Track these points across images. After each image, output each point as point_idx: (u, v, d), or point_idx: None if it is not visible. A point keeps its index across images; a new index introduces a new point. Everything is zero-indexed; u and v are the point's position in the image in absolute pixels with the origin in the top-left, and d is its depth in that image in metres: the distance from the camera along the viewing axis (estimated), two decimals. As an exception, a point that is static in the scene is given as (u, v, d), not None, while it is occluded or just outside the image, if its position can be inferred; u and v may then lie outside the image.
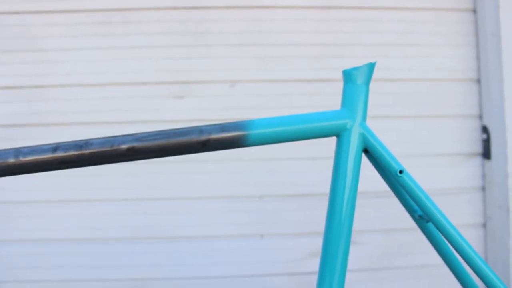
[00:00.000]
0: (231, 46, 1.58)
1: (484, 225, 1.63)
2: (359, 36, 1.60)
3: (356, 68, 0.61)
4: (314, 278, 1.61)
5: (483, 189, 1.64)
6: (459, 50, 1.64)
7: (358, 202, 1.63)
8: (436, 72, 1.62)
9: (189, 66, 1.57)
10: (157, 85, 1.55)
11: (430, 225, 0.64)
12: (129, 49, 1.54)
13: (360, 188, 1.63)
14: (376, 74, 1.63)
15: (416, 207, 0.64)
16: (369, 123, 0.69)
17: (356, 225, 1.59)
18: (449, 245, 0.65)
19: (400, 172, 0.59)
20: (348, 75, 0.61)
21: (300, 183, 1.57)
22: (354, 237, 1.60)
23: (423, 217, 0.63)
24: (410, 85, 1.61)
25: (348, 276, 1.65)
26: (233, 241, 1.56)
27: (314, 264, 1.59)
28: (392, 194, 1.69)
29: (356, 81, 0.60)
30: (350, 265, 1.62)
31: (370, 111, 0.68)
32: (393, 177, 0.59)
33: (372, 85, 1.69)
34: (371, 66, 0.61)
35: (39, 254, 1.54)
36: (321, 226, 1.59)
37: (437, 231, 0.64)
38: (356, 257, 1.61)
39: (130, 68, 1.53)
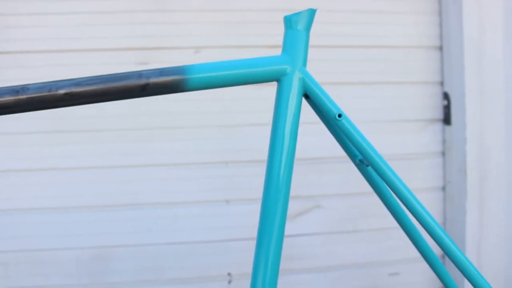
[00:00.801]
0: (195, 11, 1.56)
1: (444, 188, 1.69)
2: (324, 2, 1.60)
3: (296, 14, 0.61)
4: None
5: (443, 154, 1.68)
6: (422, 17, 1.66)
7: (322, 167, 1.67)
8: (399, 39, 1.64)
9: (152, 31, 1.54)
10: (119, 51, 1.52)
11: (370, 169, 0.66)
12: (89, 14, 1.50)
13: (324, 153, 1.67)
14: (338, 40, 1.65)
15: (356, 152, 0.66)
16: (329, 89, 0.69)
17: (319, 190, 1.63)
18: (388, 188, 0.67)
19: (339, 116, 0.60)
20: (288, 21, 0.61)
21: (266, 148, 1.58)
22: (317, 201, 1.64)
23: (363, 162, 0.65)
24: (373, 51, 1.62)
25: (311, 239, 1.70)
26: (199, 207, 1.58)
27: (279, 229, 1.62)
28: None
29: (296, 27, 0.61)
30: (313, 229, 1.67)
31: (332, 78, 0.68)
32: (332, 121, 0.60)
33: (334, 51, 1.70)
34: (311, 12, 0.61)
35: (2, 224, 1.52)
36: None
37: (376, 174, 0.65)
38: (319, 220, 1.65)
39: (90, 34, 1.50)
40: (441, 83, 1.68)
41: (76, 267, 1.54)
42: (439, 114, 1.68)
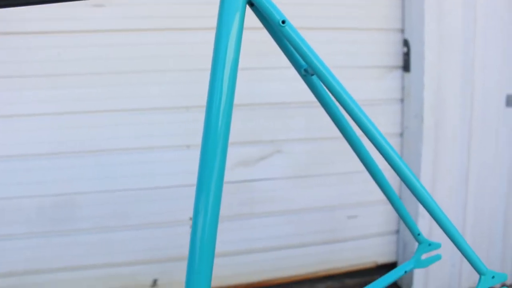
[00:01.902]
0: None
1: (401, 134, 1.73)
2: None
3: None
4: (240, 186, 1.66)
5: (402, 100, 1.72)
6: (384, -36, 1.66)
7: (284, 113, 1.67)
8: (361, -16, 1.64)
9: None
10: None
11: (315, 78, 0.67)
12: None
13: (285, 98, 1.67)
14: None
15: (301, 61, 0.66)
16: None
17: (281, 135, 1.65)
18: (332, 98, 0.68)
19: (283, 22, 0.59)
20: None
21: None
22: (279, 146, 1.65)
23: (308, 71, 0.65)
24: (335, -4, 1.62)
25: (272, 183, 1.72)
26: (160, 152, 1.57)
27: (241, 173, 1.64)
28: (318, 104, 1.75)
29: None
30: (274, 173, 1.68)
31: (292, 23, 0.66)
32: (277, 28, 0.60)
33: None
34: None
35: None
36: (249, 136, 1.63)
37: (321, 84, 0.66)
38: (281, 165, 1.67)
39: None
40: (402, 30, 1.69)
41: (38, 215, 1.52)
42: (399, 61, 1.70)
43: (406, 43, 1.68)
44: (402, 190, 1.76)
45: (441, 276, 1.73)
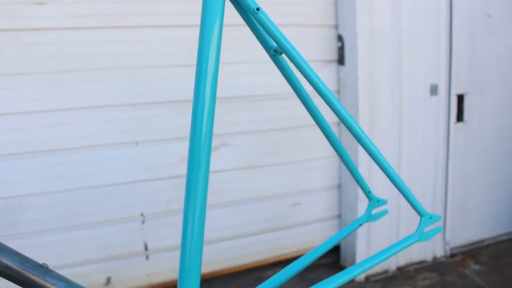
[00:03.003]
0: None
1: (339, 124, 1.85)
2: None
3: None
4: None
5: (338, 92, 1.84)
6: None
7: (230, 106, 1.72)
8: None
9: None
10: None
11: (283, 58, 0.74)
12: None
13: (235, 92, 1.73)
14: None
15: (271, 42, 0.73)
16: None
17: (228, 128, 1.71)
18: (298, 77, 0.76)
19: (257, 9, 0.66)
20: None
21: (172, 90, 1.61)
22: (224, 139, 1.71)
23: (277, 51, 0.73)
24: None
25: (222, 176, 1.77)
26: (108, 150, 1.57)
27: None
28: (264, 97, 1.81)
29: None
30: (221, 166, 1.74)
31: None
32: (251, 15, 0.66)
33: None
34: None
35: None
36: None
37: (288, 64, 0.74)
38: (229, 158, 1.73)
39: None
40: (336, 26, 1.81)
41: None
42: (334, 55, 1.82)
43: (340, 38, 1.80)
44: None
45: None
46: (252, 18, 0.72)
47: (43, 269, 0.52)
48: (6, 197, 1.49)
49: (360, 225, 0.93)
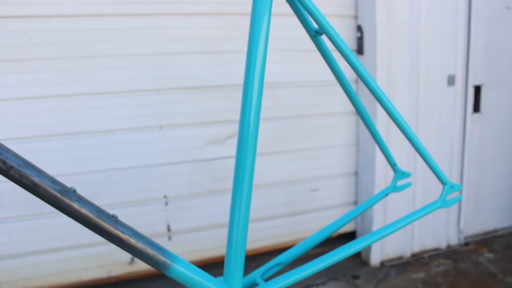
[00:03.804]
0: None
1: (356, 114, 1.89)
2: None
3: None
4: (212, 164, 1.75)
5: (356, 81, 1.87)
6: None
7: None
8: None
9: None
10: None
11: (322, 39, 0.79)
12: None
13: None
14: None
15: (312, 24, 0.78)
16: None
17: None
18: (336, 59, 0.81)
19: None
20: None
21: (195, 76, 1.66)
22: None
23: (318, 32, 0.77)
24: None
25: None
26: (134, 133, 1.63)
27: (211, 151, 1.74)
28: (280, 85, 1.84)
29: None
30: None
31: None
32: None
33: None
34: None
35: None
36: (216, 116, 1.72)
37: (327, 45, 0.79)
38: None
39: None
40: (355, 17, 1.84)
41: (10, 199, 1.54)
42: (354, 45, 1.85)
43: (359, 28, 1.83)
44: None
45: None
46: (295, 0, 0.77)
47: (114, 218, 0.58)
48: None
49: (386, 194, 0.98)
